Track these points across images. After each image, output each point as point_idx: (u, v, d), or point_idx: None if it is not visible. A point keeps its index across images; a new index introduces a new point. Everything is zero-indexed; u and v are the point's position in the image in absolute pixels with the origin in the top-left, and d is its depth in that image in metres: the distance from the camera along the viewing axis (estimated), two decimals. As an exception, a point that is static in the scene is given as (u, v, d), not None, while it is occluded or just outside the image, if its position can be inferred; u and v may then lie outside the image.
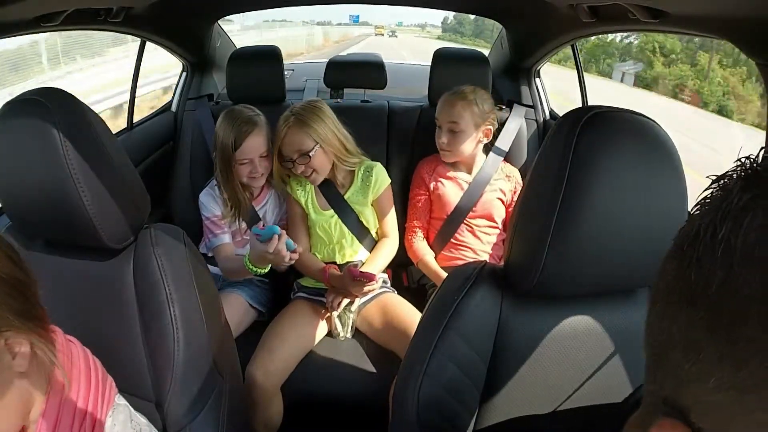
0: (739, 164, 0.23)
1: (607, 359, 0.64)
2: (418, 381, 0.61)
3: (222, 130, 1.22)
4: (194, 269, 0.73)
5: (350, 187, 1.28)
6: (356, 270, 1.12)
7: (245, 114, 1.23)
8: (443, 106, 1.30)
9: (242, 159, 1.21)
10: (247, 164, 1.22)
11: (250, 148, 1.21)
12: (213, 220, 1.28)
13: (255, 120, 1.23)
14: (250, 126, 1.21)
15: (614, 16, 1.02)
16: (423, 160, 1.41)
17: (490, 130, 1.31)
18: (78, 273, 0.72)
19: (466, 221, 1.34)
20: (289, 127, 1.16)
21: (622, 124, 0.53)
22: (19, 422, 0.48)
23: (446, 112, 1.29)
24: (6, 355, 0.45)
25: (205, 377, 0.71)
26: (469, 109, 1.26)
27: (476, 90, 1.29)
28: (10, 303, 0.45)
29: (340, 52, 3.33)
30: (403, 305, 1.22)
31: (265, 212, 1.34)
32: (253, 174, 1.24)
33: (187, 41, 1.68)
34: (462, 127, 1.27)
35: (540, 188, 0.57)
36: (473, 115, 1.27)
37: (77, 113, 0.65)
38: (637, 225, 0.54)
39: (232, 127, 1.20)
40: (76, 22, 1.05)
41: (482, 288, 0.63)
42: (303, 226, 1.28)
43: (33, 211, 0.66)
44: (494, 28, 1.83)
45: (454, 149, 1.29)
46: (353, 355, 1.17)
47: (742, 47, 0.79)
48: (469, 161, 1.35)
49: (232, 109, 1.26)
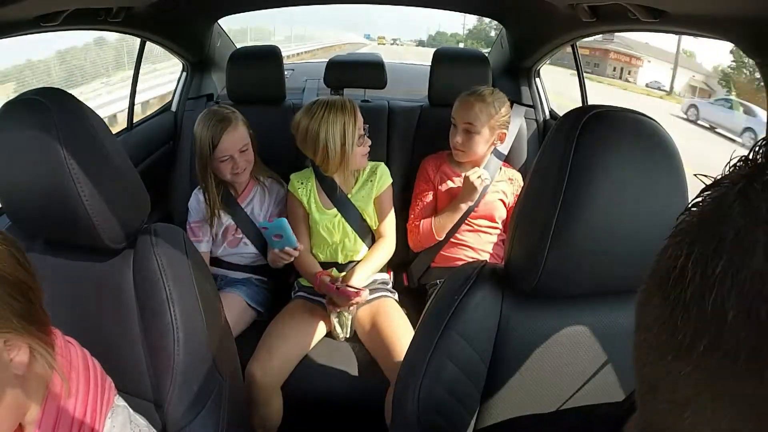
0: (737, 168, 0.20)
1: (607, 359, 0.64)
2: (419, 381, 0.61)
3: (199, 131, 1.24)
4: (194, 269, 0.73)
5: (354, 185, 1.28)
6: (333, 286, 1.14)
7: (220, 112, 1.25)
8: (461, 106, 1.29)
9: (222, 156, 1.23)
10: (227, 161, 1.24)
11: (228, 144, 1.22)
12: (193, 226, 1.32)
13: (230, 117, 1.24)
14: (225, 123, 1.22)
15: (614, 15, 1.02)
16: (429, 157, 1.40)
17: (505, 134, 1.31)
18: (78, 273, 0.72)
19: (468, 221, 1.34)
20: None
21: (622, 124, 0.53)
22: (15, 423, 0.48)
23: (464, 112, 1.27)
24: (4, 355, 0.45)
25: (205, 377, 0.71)
26: (486, 111, 1.25)
27: (495, 92, 1.28)
28: (12, 304, 0.45)
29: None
30: (394, 315, 1.20)
31: (252, 208, 1.34)
32: (236, 170, 1.25)
33: (187, 41, 1.68)
34: (478, 129, 1.26)
35: (540, 188, 0.57)
36: (490, 118, 1.26)
37: (77, 113, 0.65)
38: (638, 224, 0.53)
39: (208, 127, 1.22)
40: (76, 22, 1.05)
41: (482, 288, 0.63)
42: (304, 225, 1.28)
43: (33, 211, 0.66)
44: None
45: (468, 150, 1.29)
46: (352, 355, 1.17)
47: (742, 47, 0.79)
48: (477, 162, 1.35)
49: (207, 110, 1.27)
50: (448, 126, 1.34)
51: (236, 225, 1.32)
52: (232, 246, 1.34)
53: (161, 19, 1.37)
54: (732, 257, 0.17)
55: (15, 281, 0.46)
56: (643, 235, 0.54)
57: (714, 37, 0.84)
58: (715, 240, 0.18)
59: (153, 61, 5.71)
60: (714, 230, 0.19)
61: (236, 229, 1.32)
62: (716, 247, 0.18)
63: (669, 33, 0.99)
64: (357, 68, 1.69)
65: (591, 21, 1.09)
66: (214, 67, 1.84)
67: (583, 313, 0.63)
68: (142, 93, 5.17)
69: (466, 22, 45.19)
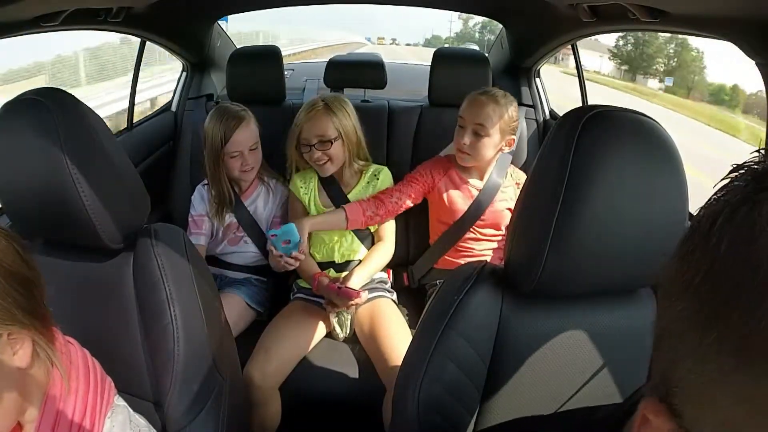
0: (754, 159, 0.23)
1: (608, 360, 0.64)
2: (419, 381, 0.61)
3: (211, 126, 1.24)
4: (194, 269, 0.73)
5: (355, 186, 1.29)
6: (334, 285, 1.14)
7: (233, 109, 1.26)
8: (471, 105, 1.20)
9: (232, 152, 1.23)
10: (237, 157, 1.25)
11: (239, 140, 1.23)
12: (195, 218, 1.33)
13: (242, 114, 1.26)
14: (238, 120, 1.24)
15: (614, 15, 1.02)
16: (436, 160, 1.34)
17: (514, 140, 1.25)
18: (77, 273, 0.72)
19: (473, 229, 1.30)
20: (318, 111, 1.20)
21: (622, 124, 0.53)
22: (14, 419, 0.48)
23: (474, 111, 1.19)
24: (7, 349, 0.45)
25: (205, 377, 0.70)
26: (499, 112, 1.18)
27: (507, 95, 1.22)
28: (15, 297, 0.45)
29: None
30: (391, 318, 1.19)
31: (255, 208, 1.35)
32: (245, 167, 1.26)
33: (187, 41, 1.68)
34: (488, 131, 1.18)
35: (540, 188, 0.57)
36: (502, 121, 1.19)
37: (77, 113, 0.65)
38: (638, 224, 0.53)
39: (220, 122, 1.23)
40: (76, 22, 1.05)
41: (483, 288, 0.63)
42: None
43: (33, 211, 0.66)
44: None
45: (475, 153, 1.21)
46: (351, 356, 1.17)
47: (742, 47, 0.79)
48: (484, 167, 1.29)
49: (219, 106, 1.29)
50: (448, 126, 1.32)
51: (238, 223, 1.32)
52: (233, 244, 1.34)
53: (161, 19, 1.37)
54: (734, 211, 0.21)
55: (18, 275, 0.46)
56: (643, 235, 0.54)
57: (714, 37, 0.84)
58: (722, 203, 0.22)
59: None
60: (722, 198, 0.22)
61: (238, 227, 1.33)
62: (721, 208, 0.22)
63: (669, 33, 0.99)
64: (357, 68, 1.69)
65: (591, 21, 1.09)
66: (214, 67, 1.84)
67: (583, 313, 0.63)
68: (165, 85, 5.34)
69: (453, 27, 52.88)
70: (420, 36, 66.86)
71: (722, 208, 0.22)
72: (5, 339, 0.45)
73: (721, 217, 0.22)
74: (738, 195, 0.22)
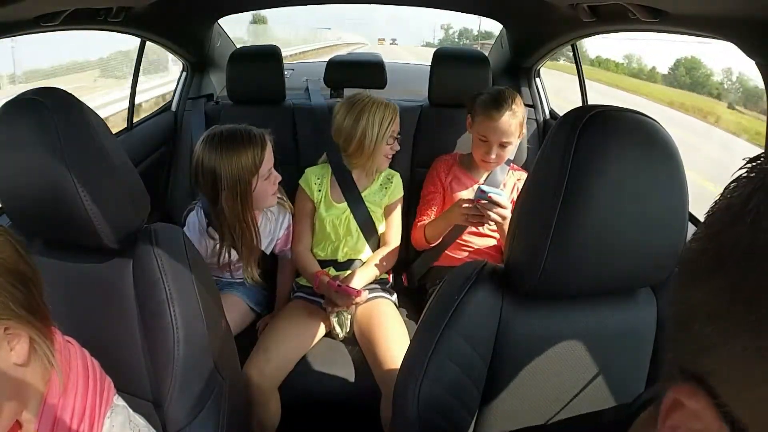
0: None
1: (608, 360, 0.64)
2: (419, 381, 0.61)
3: (234, 159, 1.07)
4: (194, 269, 0.73)
5: (369, 186, 1.30)
6: (335, 283, 1.14)
7: (237, 129, 1.12)
8: (495, 126, 1.21)
9: (266, 173, 1.12)
10: (270, 177, 1.14)
11: (268, 156, 1.13)
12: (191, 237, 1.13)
13: (256, 133, 1.12)
14: (259, 138, 1.11)
15: (614, 15, 1.02)
16: (440, 159, 1.38)
17: (524, 134, 1.30)
18: (77, 273, 0.72)
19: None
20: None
21: (622, 124, 0.53)
22: (13, 416, 0.48)
23: (499, 132, 1.21)
24: (4, 344, 0.45)
25: (205, 377, 0.70)
26: (517, 120, 1.23)
27: (515, 96, 1.24)
28: (13, 292, 0.45)
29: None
30: (390, 320, 1.18)
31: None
32: (274, 185, 1.16)
33: (187, 41, 1.68)
34: (513, 141, 1.25)
35: (541, 188, 0.57)
36: (519, 126, 1.25)
37: (76, 113, 0.65)
38: (638, 224, 0.53)
39: (246, 149, 1.09)
40: (76, 22, 1.05)
41: (483, 288, 0.63)
42: (309, 222, 1.29)
43: (32, 211, 0.66)
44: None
45: (501, 160, 1.27)
46: (350, 356, 1.17)
47: (742, 47, 0.79)
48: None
49: (219, 140, 1.09)
50: (448, 126, 1.33)
51: (239, 256, 1.21)
52: (225, 271, 1.25)
53: (161, 19, 1.37)
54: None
55: (16, 271, 0.46)
56: (644, 235, 0.54)
57: (714, 37, 0.84)
58: (755, 184, 0.22)
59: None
60: (755, 179, 0.23)
61: (236, 263, 1.23)
62: (755, 188, 0.22)
63: (669, 33, 0.99)
64: (357, 68, 1.69)
65: (591, 21, 1.09)
66: (213, 67, 1.84)
67: (583, 313, 0.63)
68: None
69: (436, 35, 63.65)
70: (418, 39, 68.86)
71: (756, 186, 0.22)
72: (1, 333, 0.44)
73: (756, 196, 0.22)
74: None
